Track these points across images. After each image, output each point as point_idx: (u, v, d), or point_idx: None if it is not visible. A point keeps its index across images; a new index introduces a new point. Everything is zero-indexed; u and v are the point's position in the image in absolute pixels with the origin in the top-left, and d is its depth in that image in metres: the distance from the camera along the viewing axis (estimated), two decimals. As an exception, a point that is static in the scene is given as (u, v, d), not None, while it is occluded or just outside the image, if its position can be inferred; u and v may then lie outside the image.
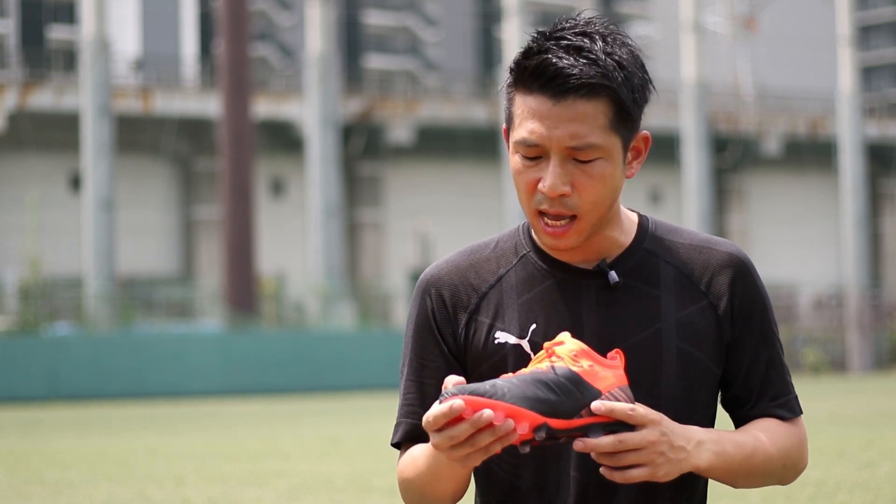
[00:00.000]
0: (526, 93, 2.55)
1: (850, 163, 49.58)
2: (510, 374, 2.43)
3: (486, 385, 2.38)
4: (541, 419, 2.38)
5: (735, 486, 2.63)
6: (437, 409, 2.36)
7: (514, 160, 2.59)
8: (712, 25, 67.39)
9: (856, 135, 49.77)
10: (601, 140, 2.53)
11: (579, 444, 2.41)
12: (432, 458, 2.58)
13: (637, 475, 2.44)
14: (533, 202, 2.58)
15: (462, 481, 2.62)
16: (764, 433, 2.63)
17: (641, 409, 2.44)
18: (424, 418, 2.38)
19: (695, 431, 2.52)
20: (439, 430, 2.38)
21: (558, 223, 2.57)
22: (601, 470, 2.44)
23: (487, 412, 2.34)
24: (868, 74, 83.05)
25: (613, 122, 2.54)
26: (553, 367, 2.43)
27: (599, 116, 2.52)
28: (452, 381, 2.42)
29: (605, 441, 2.41)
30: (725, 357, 2.68)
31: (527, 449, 2.43)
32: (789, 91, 67.40)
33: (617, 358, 2.49)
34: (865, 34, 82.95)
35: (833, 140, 53.52)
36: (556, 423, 2.40)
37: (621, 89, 2.53)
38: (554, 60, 2.52)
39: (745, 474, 2.59)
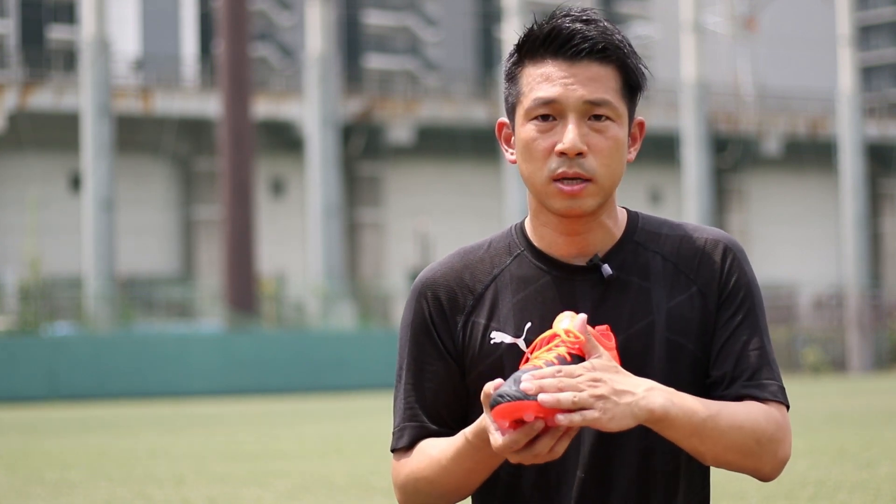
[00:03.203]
0: (538, 61, 2.59)
1: (850, 163, 49.57)
2: (537, 365, 2.41)
3: (535, 390, 2.37)
4: None
5: (704, 454, 2.52)
6: (512, 435, 2.38)
7: (525, 131, 2.60)
8: (712, 25, 67.37)
9: (856, 135, 49.77)
10: (615, 101, 2.58)
11: (528, 377, 2.38)
12: (467, 452, 2.56)
13: (583, 418, 2.37)
14: (547, 168, 2.58)
15: (494, 469, 2.61)
16: (735, 404, 2.56)
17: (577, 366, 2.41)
18: (501, 443, 2.39)
19: (646, 380, 2.45)
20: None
21: (575, 183, 2.57)
22: (557, 417, 2.37)
23: (538, 423, 2.37)
24: (868, 74, 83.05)
25: (622, 90, 2.60)
26: (577, 357, 2.44)
27: (611, 80, 2.58)
28: (493, 385, 2.41)
29: (548, 370, 2.39)
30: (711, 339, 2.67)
31: None
32: (789, 91, 67.39)
33: (612, 339, 2.51)
34: (865, 34, 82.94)
35: (833, 140, 53.51)
36: None
37: (629, 58, 2.60)
38: (567, 25, 2.58)
39: (711, 437, 2.49)
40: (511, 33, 44.97)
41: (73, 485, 9.91)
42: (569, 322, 2.47)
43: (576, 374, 2.39)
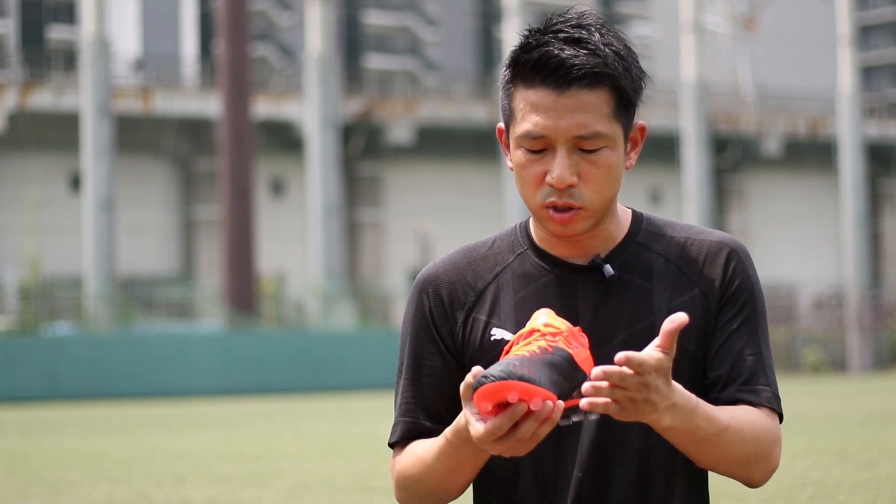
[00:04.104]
0: (527, 87, 2.56)
1: (850, 163, 49.57)
2: (519, 355, 2.40)
3: (519, 370, 2.35)
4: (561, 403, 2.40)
5: (698, 461, 2.55)
6: (494, 421, 2.35)
7: (516, 155, 2.59)
8: (712, 25, 67.39)
9: (856, 135, 49.77)
10: (606, 129, 2.55)
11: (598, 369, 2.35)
12: (447, 451, 2.56)
13: (605, 408, 2.35)
14: (539, 196, 2.58)
15: (478, 470, 2.61)
16: (742, 414, 2.56)
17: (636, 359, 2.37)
18: (483, 430, 2.36)
19: (676, 394, 2.43)
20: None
21: (566, 213, 2.57)
22: (581, 403, 2.35)
23: (521, 406, 2.34)
24: (868, 74, 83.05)
25: (616, 111, 2.56)
26: (558, 349, 2.43)
27: (603, 106, 2.55)
28: (473, 373, 2.38)
29: (635, 358, 2.33)
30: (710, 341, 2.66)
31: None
32: (789, 91, 67.39)
33: (586, 338, 2.50)
34: (865, 34, 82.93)
35: (833, 140, 53.51)
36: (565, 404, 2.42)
37: (622, 78, 2.56)
38: (556, 52, 2.53)
39: (710, 450, 2.51)
40: (511, 33, 44.97)
41: (73, 485, 9.91)
42: (546, 317, 2.47)
43: (637, 372, 2.36)
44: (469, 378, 2.39)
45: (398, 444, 2.72)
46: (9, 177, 48.34)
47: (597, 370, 2.34)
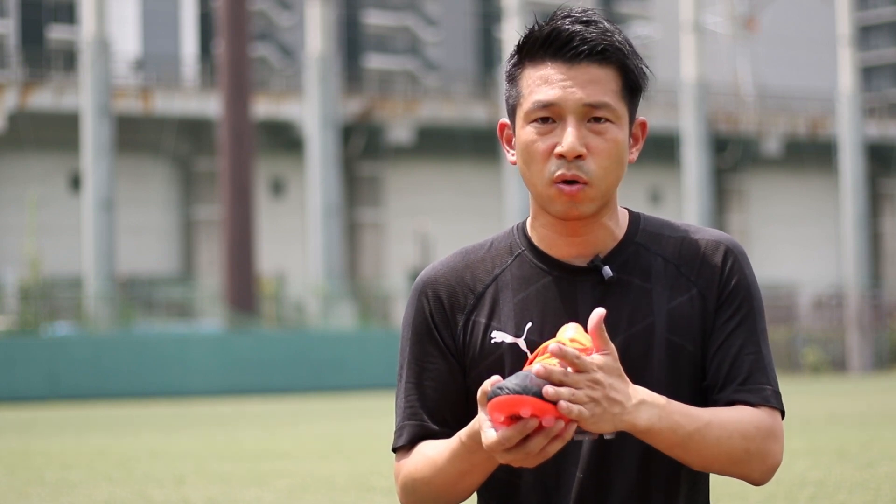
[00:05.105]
0: (538, 63, 2.60)
1: (850, 163, 49.57)
2: (536, 368, 2.41)
3: (536, 385, 2.36)
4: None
5: (690, 463, 2.54)
6: (505, 432, 2.36)
7: (524, 133, 2.60)
8: (712, 25, 67.40)
9: (856, 135, 49.77)
10: (614, 103, 2.58)
11: (539, 366, 2.37)
12: (461, 453, 2.55)
13: (575, 411, 2.36)
14: (547, 171, 2.58)
15: (489, 474, 2.61)
16: (727, 411, 2.56)
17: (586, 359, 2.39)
18: (494, 439, 2.37)
19: (641, 392, 2.45)
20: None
21: (573, 185, 2.58)
22: (560, 403, 2.36)
23: (532, 422, 2.36)
24: (868, 74, 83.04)
25: (622, 91, 2.60)
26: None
27: (611, 82, 2.59)
28: (491, 381, 2.40)
29: (570, 350, 2.37)
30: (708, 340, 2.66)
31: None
32: (789, 91, 67.39)
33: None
34: (865, 34, 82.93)
35: (833, 140, 53.51)
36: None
37: (629, 59, 2.60)
38: (567, 26, 2.58)
39: (696, 448, 2.51)
40: (511, 33, 44.96)
41: (73, 485, 9.91)
42: (573, 332, 2.47)
43: (582, 370, 2.39)
44: (486, 386, 2.40)
45: (403, 448, 2.71)
46: (9, 177, 48.34)
47: (537, 368, 2.36)
